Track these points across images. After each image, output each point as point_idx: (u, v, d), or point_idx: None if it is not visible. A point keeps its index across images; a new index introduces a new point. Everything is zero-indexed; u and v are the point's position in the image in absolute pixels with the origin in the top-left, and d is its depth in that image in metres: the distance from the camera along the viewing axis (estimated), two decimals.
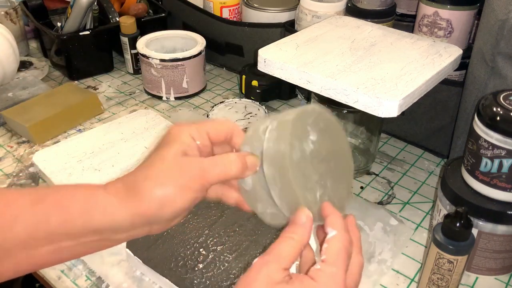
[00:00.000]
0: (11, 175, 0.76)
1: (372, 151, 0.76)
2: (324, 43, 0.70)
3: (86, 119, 0.90)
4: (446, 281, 0.52)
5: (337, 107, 0.71)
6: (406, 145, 0.84)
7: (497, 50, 0.61)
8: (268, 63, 0.66)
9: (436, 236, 0.50)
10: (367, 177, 0.76)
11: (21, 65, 1.02)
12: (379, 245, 0.63)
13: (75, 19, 0.98)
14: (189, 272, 0.55)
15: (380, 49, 0.68)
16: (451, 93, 0.73)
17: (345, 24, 0.77)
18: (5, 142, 0.84)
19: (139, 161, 0.73)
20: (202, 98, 0.98)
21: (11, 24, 1.07)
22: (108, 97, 0.98)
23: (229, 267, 0.56)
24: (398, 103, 0.56)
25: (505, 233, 0.55)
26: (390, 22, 0.86)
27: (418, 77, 0.61)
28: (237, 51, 1.02)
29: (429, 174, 0.77)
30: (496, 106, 0.52)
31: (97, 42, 1.02)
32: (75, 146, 0.76)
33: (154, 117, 0.83)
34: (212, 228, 0.60)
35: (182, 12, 1.08)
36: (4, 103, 0.89)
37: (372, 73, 0.62)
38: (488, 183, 0.55)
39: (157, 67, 0.92)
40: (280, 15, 0.97)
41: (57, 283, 0.59)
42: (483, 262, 0.58)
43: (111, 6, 1.05)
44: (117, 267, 0.60)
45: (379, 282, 0.59)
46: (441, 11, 0.76)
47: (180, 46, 1.01)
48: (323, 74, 0.61)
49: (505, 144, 0.52)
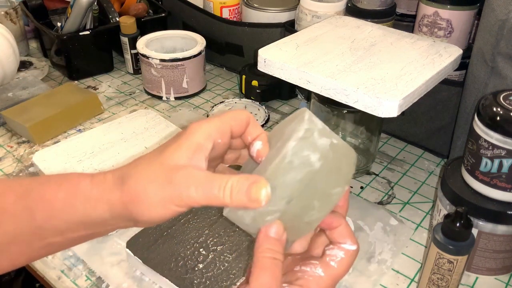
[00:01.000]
0: (11, 175, 0.76)
1: (372, 151, 0.76)
2: (324, 43, 0.70)
3: (86, 119, 0.90)
4: (446, 281, 0.52)
5: (337, 107, 0.71)
6: (406, 145, 0.84)
7: (497, 50, 0.61)
8: (268, 63, 0.66)
9: (436, 236, 0.50)
10: (367, 177, 0.76)
11: (21, 65, 1.02)
12: (379, 245, 0.63)
13: (75, 19, 0.98)
14: (189, 272, 0.55)
15: (380, 49, 0.68)
16: (451, 93, 0.73)
17: (345, 24, 0.77)
18: (5, 142, 0.84)
19: None
20: (202, 98, 0.98)
21: (11, 24, 1.07)
22: (108, 97, 0.98)
23: (229, 267, 0.56)
24: (398, 103, 0.56)
25: (505, 233, 0.55)
26: (390, 22, 0.86)
27: (418, 77, 0.61)
28: (237, 51, 1.02)
29: (429, 174, 0.77)
30: (496, 106, 0.52)
31: (97, 42, 1.02)
32: (75, 146, 0.76)
33: (154, 117, 0.83)
34: (212, 228, 0.60)
35: (182, 12, 1.08)
36: (4, 103, 0.89)
37: (372, 73, 0.62)
38: (488, 183, 0.55)
39: (157, 67, 0.92)
40: (280, 15, 0.97)
41: (57, 283, 0.59)
42: (483, 262, 0.58)
43: (111, 6, 1.05)
44: (117, 267, 0.60)
45: (379, 282, 0.59)
46: (441, 11, 0.76)
47: (180, 46, 1.01)
48: (323, 74, 0.61)
49: (505, 144, 0.52)
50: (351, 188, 0.73)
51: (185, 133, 0.34)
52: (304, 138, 0.32)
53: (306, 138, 0.32)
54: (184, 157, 0.33)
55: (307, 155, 0.32)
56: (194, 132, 0.34)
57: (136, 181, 0.33)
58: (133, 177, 0.33)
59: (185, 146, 0.33)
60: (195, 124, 0.34)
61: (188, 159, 0.33)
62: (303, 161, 0.32)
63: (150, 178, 0.33)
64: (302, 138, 0.32)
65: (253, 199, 0.31)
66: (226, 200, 0.31)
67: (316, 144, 0.33)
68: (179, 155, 0.33)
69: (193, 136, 0.34)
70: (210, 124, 0.34)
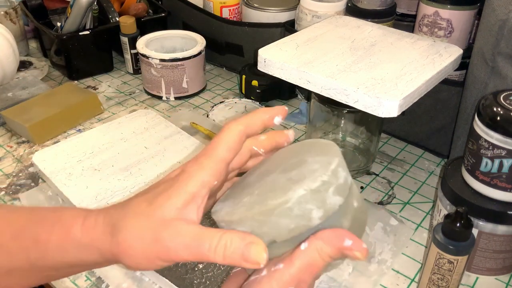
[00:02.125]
0: (11, 175, 0.76)
1: (372, 151, 0.76)
2: (324, 43, 0.70)
3: (86, 119, 0.90)
4: (446, 281, 0.52)
5: (337, 107, 0.71)
6: (406, 145, 0.84)
7: (497, 50, 0.61)
8: (268, 63, 0.66)
9: (436, 236, 0.50)
10: (367, 177, 0.76)
11: (21, 65, 1.02)
12: (379, 245, 0.63)
13: (75, 19, 0.98)
14: (189, 272, 0.55)
15: (380, 49, 0.68)
16: (451, 93, 0.73)
17: (345, 24, 0.77)
18: (4, 142, 0.84)
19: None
20: (202, 98, 0.98)
21: (11, 24, 1.07)
22: (108, 97, 0.98)
23: (229, 267, 0.56)
24: (398, 103, 0.56)
25: (505, 233, 0.55)
26: (390, 22, 0.86)
27: (418, 77, 0.61)
28: (237, 51, 1.02)
29: (429, 174, 0.77)
30: (497, 106, 0.52)
31: (97, 42, 1.02)
32: (75, 146, 0.76)
33: (154, 117, 0.83)
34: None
35: (182, 12, 1.08)
36: (4, 103, 0.89)
37: (372, 73, 0.62)
38: (488, 183, 0.55)
39: (157, 67, 0.92)
40: (280, 15, 0.97)
41: (57, 283, 0.59)
42: (483, 262, 0.58)
43: (111, 6, 1.05)
44: (117, 267, 0.60)
45: (379, 282, 0.59)
46: (442, 11, 0.76)
47: (180, 46, 1.01)
48: (323, 74, 0.61)
49: (505, 144, 0.52)
50: None
51: (177, 181, 0.32)
52: (316, 192, 0.30)
53: (318, 192, 0.30)
54: (173, 210, 0.31)
55: (309, 209, 0.30)
56: (186, 180, 0.32)
57: (125, 236, 0.32)
58: (122, 232, 0.32)
59: (175, 197, 0.32)
60: (188, 169, 0.33)
61: (177, 210, 0.31)
62: (303, 214, 0.30)
63: (138, 234, 0.32)
64: (313, 191, 0.30)
65: (251, 261, 0.30)
66: (217, 259, 0.30)
67: (325, 200, 0.30)
68: (169, 207, 0.31)
69: (186, 185, 0.32)
70: (204, 170, 0.32)
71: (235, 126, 0.34)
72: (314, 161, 0.32)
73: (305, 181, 0.30)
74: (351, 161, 0.77)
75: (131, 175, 0.70)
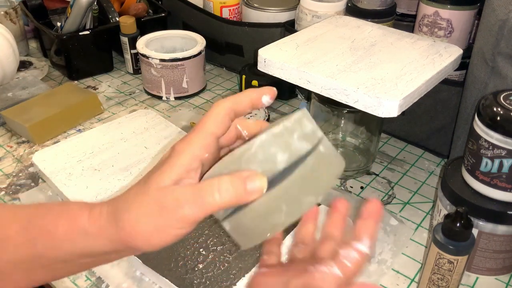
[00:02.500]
0: (11, 175, 0.76)
1: (372, 151, 0.76)
2: (324, 43, 0.70)
3: (86, 119, 0.90)
4: (446, 281, 0.52)
5: (337, 107, 0.71)
6: (406, 145, 0.84)
7: (497, 50, 0.61)
8: (268, 63, 0.66)
9: (436, 236, 0.50)
10: (367, 177, 0.76)
11: (21, 65, 1.02)
12: (379, 245, 0.63)
13: (75, 19, 0.98)
14: (189, 272, 0.55)
15: (380, 49, 0.68)
16: (451, 93, 0.73)
17: (345, 24, 0.77)
18: (5, 142, 0.84)
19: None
20: (202, 98, 0.98)
21: (11, 24, 1.07)
22: (108, 97, 0.98)
23: (229, 267, 0.56)
24: (398, 103, 0.56)
25: (505, 233, 0.55)
26: (390, 22, 0.86)
27: (418, 77, 0.61)
28: (237, 51, 1.02)
29: (429, 174, 0.77)
30: (497, 106, 0.52)
31: (97, 42, 1.02)
32: (75, 146, 0.76)
33: (154, 117, 0.83)
34: (212, 228, 0.60)
35: (182, 12, 1.08)
36: (4, 103, 0.89)
37: (372, 73, 0.62)
38: (488, 183, 0.55)
39: (157, 67, 0.92)
40: (280, 15, 0.97)
41: (57, 283, 0.59)
42: (483, 262, 0.58)
43: (111, 6, 1.05)
44: (117, 267, 0.60)
45: (379, 282, 0.59)
46: (442, 11, 0.76)
47: (180, 46, 1.01)
48: (323, 74, 0.61)
49: (505, 144, 0.52)
50: (351, 188, 0.73)
51: (169, 157, 0.34)
52: (279, 135, 0.31)
53: (280, 136, 0.31)
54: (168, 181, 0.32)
55: (274, 153, 0.31)
56: (178, 156, 0.33)
57: (129, 216, 0.33)
58: (125, 212, 0.33)
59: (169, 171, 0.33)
60: (177, 147, 0.34)
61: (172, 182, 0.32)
62: (267, 158, 0.31)
63: (141, 210, 0.32)
64: (275, 135, 0.31)
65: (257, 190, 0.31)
66: (224, 201, 0.31)
67: (290, 145, 0.31)
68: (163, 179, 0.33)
69: (178, 159, 0.33)
70: (194, 144, 0.33)
71: (222, 103, 0.35)
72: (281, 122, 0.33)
73: (266, 131, 0.31)
74: (351, 161, 0.77)
75: (131, 175, 0.70)
